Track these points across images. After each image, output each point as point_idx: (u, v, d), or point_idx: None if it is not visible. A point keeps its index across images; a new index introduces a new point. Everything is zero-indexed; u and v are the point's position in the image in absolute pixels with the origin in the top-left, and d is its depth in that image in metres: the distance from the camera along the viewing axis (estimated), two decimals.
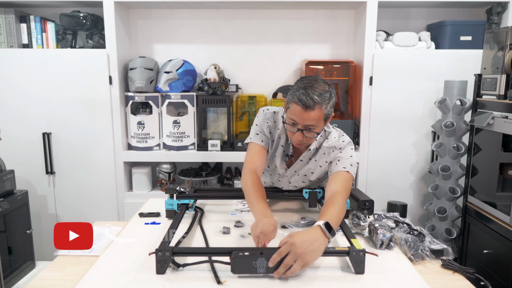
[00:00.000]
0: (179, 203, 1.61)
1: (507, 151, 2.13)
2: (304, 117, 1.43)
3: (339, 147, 1.61)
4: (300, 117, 1.44)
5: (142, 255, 1.29)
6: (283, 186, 1.74)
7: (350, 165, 1.57)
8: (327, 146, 1.61)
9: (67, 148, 2.75)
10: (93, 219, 1.83)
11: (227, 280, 1.14)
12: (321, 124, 1.48)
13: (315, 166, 1.65)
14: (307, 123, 1.45)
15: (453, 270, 1.29)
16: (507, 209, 1.98)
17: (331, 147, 1.61)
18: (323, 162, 1.64)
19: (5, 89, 2.67)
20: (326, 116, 1.48)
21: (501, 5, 2.70)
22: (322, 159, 1.64)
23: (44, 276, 1.24)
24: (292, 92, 1.46)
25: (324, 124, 1.50)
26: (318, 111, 1.43)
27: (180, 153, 2.79)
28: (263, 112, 1.69)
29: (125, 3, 2.75)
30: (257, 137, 1.65)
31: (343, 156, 1.59)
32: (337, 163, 1.58)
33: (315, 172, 1.67)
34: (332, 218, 1.29)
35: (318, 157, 1.64)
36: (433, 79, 2.67)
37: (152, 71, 2.72)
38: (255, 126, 1.68)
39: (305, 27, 2.98)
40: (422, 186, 2.81)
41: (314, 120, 1.44)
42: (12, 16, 2.68)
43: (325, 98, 1.43)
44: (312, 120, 1.44)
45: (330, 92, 1.46)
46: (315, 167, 1.66)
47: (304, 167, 1.67)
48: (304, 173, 1.68)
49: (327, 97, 1.44)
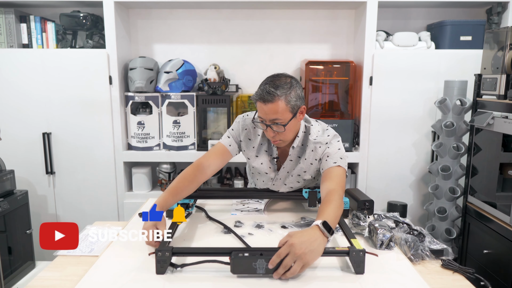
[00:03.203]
0: (179, 203, 1.61)
1: (507, 151, 2.13)
2: (266, 111, 1.48)
3: (325, 142, 1.61)
4: (263, 112, 1.49)
5: (142, 255, 1.29)
6: (279, 189, 1.74)
7: (340, 158, 1.57)
8: (313, 141, 1.61)
9: (67, 148, 2.75)
10: (93, 219, 1.83)
11: (227, 280, 1.14)
12: (287, 116, 1.49)
13: (307, 164, 1.65)
14: (271, 117, 1.48)
15: (453, 270, 1.29)
16: (507, 209, 1.98)
17: (317, 142, 1.61)
18: (313, 160, 1.64)
19: (5, 89, 2.67)
20: (293, 108, 1.49)
21: (501, 5, 2.70)
22: (311, 156, 1.63)
23: (44, 276, 1.24)
24: (256, 90, 1.52)
25: (291, 116, 1.50)
26: (278, 103, 1.46)
27: (180, 153, 2.79)
28: (242, 119, 1.71)
29: (125, 3, 2.75)
30: (227, 140, 1.68)
31: (331, 151, 1.59)
32: (327, 159, 1.58)
33: (307, 171, 1.67)
34: (330, 217, 1.28)
35: (308, 155, 1.64)
36: (433, 79, 2.67)
37: (152, 71, 2.72)
38: (231, 131, 1.71)
39: (305, 27, 2.98)
40: (422, 186, 2.80)
41: (277, 113, 1.47)
42: (12, 16, 2.68)
43: (284, 89, 1.47)
44: (274, 113, 1.47)
45: (290, 83, 1.49)
46: (307, 166, 1.66)
47: (296, 167, 1.67)
48: (298, 173, 1.68)
49: (286, 88, 1.48)
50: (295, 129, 1.58)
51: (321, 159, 1.61)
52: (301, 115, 1.56)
